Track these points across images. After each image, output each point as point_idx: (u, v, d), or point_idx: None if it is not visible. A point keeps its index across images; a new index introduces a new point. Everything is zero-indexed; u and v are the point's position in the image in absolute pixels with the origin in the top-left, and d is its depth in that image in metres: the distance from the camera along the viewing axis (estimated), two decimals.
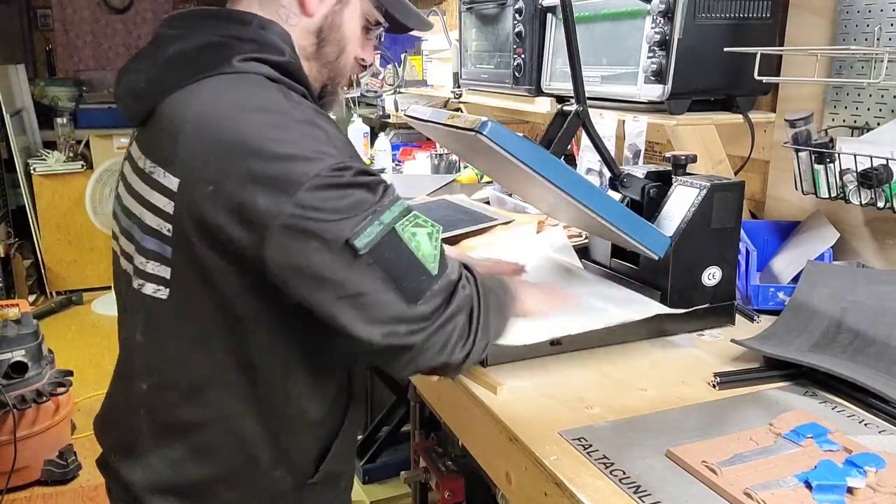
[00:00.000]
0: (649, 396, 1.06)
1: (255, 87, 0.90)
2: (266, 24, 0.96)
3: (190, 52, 0.93)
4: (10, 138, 4.63)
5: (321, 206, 0.81)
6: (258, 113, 0.86)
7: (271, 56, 0.93)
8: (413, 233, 0.86)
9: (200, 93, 0.89)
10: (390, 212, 0.85)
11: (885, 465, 0.83)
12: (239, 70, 0.91)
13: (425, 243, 0.87)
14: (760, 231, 1.49)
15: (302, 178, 0.81)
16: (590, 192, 1.15)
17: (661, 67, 1.40)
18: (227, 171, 0.83)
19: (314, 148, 0.84)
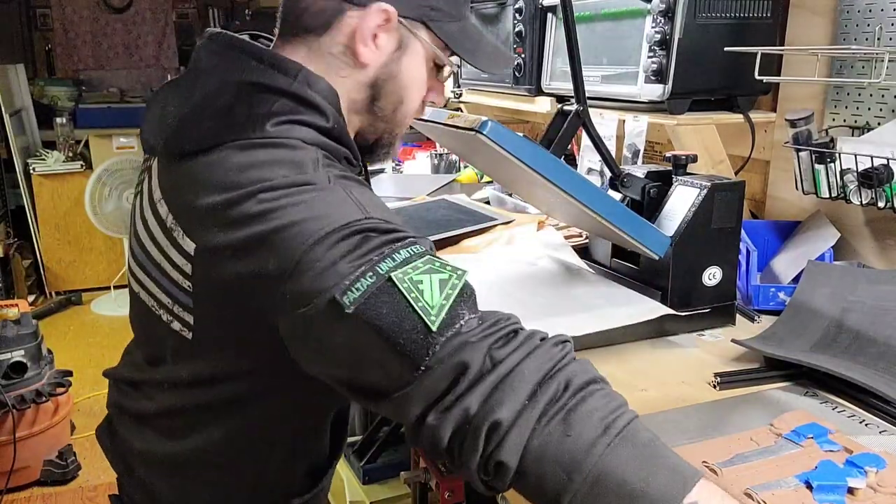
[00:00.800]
0: (649, 396, 1.06)
1: (284, 158, 0.79)
2: (312, 81, 0.85)
3: (221, 101, 0.84)
4: (9, 138, 4.62)
5: (319, 261, 0.71)
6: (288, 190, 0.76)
7: (313, 120, 0.84)
8: (417, 280, 0.70)
9: (232, 160, 0.80)
10: (392, 259, 0.71)
11: (885, 465, 0.83)
12: (271, 136, 0.81)
13: (432, 291, 0.70)
14: (761, 231, 1.49)
15: (307, 238, 0.72)
16: (590, 191, 1.15)
17: (662, 67, 1.40)
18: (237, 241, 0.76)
19: (328, 210, 0.74)
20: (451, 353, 0.68)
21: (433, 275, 0.71)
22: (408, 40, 0.90)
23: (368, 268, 0.70)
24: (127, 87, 5.93)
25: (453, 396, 0.67)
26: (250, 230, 0.74)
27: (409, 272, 0.70)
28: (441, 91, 0.99)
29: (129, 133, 4.79)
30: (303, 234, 0.72)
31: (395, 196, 2.18)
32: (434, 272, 0.71)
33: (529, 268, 1.43)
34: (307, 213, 0.73)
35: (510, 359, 0.68)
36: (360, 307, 0.69)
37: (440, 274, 0.71)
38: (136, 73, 6.06)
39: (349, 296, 0.69)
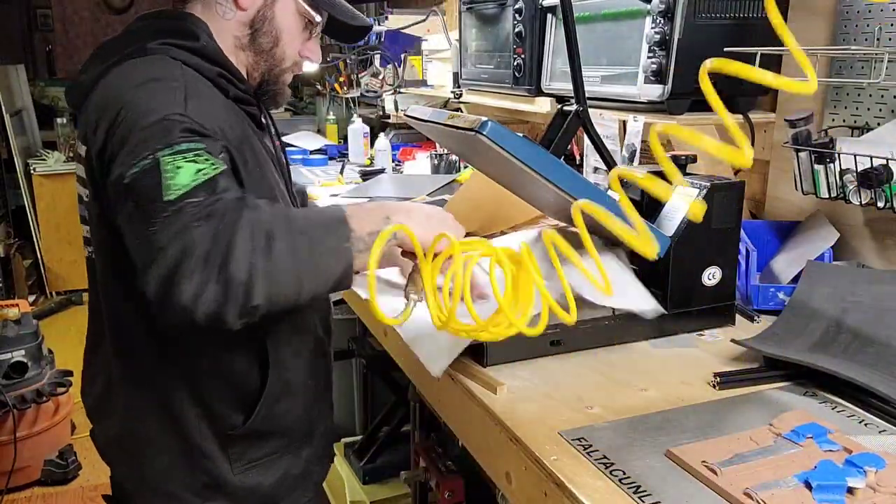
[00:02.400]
0: (649, 396, 1.06)
1: (157, 63, 1.01)
2: (187, 16, 1.10)
3: (116, 42, 1.07)
4: (10, 138, 4.63)
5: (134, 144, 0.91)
6: (145, 83, 0.97)
7: (185, 41, 1.05)
8: (178, 165, 0.87)
9: (113, 72, 1.02)
10: (171, 148, 0.88)
11: (885, 465, 0.83)
12: (152, 51, 1.03)
13: (184, 175, 0.87)
14: (760, 231, 1.49)
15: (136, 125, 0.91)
16: (590, 192, 1.15)
17: (661, 67, 1.40)
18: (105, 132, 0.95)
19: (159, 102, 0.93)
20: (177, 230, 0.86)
21: (196, 163, 0.88)
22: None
23: (151, 152, 0.88)
24: None
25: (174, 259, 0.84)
26: (108, 122, 0.95)
27: (178, 159, 0.88)
28: (315, 50, 1.20)
29: None
30: (129, 122, 0.92)
31: (394, 196, 2.18)
32: (197, 162, 0.89)
33: None
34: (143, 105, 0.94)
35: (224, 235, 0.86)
36: (132, 181, 0.88)
37: (200, 164, 0.89)
38: None
39: (130, 172, 0.88)
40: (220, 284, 0.83)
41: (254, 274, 0.84)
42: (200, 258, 0.83)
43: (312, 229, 0.92)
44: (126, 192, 0.89)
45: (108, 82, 1.02)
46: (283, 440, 1.14)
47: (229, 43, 1.12)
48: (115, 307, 1.08)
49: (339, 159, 3.24)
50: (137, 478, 1.13)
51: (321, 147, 3.53)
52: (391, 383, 2.33)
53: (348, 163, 3.09)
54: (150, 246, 0.86)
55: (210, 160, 0.90)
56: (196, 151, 0.89)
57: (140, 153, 0.88)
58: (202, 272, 0.83)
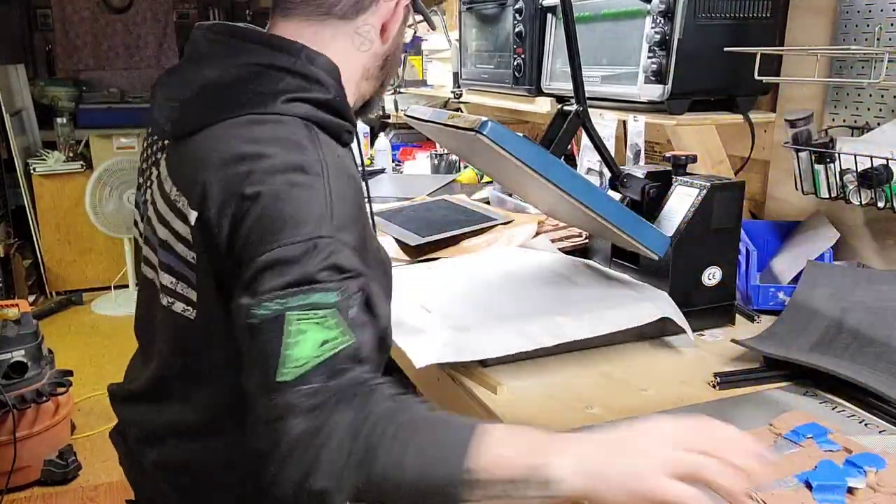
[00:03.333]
0: (649, 396, 1.06)
1: (291, 135, 0.86)
2: (314, 57, 0.92)
3: (229, 83, 0.89)
4: (10, 138, 4.63)
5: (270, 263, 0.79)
6: (286, 171, 0.82)
7: (313, 94, 0.90)
8: (302, 329, 0.76)
9: (235, 132, 0.86)
10: (301, 298, 0.77)
11: (885, 465, 0.83)
12: (281, 112, 0.87)
13: (306, 346, 0.76)
14: (760, 231, 1.49)
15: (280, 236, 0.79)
16: (590, 191, 1.16)
17: (661, 67, 1.40)
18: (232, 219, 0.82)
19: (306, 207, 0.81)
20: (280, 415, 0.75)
21: (322, 330, 0.77)
22: (404, 13, 1.01)
23: (282, 296, 0.77)
24: (127, 88, 5.93)
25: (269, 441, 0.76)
26: (239, 208, 0.82)
27: (304, 319, 0.77)
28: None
29: (130, 133, 4.79)
30: (268, 226, 0.80)
31: (394, 196, 2.18)
32: (325, 328, 0.77)
33: (531, 267, 1.43)
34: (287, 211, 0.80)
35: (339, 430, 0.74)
36: (258, 324, 0.77)
37: (327, 331, 0.77)
38: (136, 73, 6.05)
39: (257, 312, 0.78)
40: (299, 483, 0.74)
41: (339, 483, 0.73)
42: (290, 449, 0.75)
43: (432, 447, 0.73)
44: (249, 331, 0.79)
45: (222, 138, 0.86)
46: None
47: (356, 75, 0.99)
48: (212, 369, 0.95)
49: None
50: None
51: None
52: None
53: None
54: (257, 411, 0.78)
55: (339, 328, 0.78)
56: (327, 310, 0.78)
57: (269, 290, 0.77)
58: (288, 463, 0.75)
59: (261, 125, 0.86)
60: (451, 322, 1.15)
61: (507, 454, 0.70)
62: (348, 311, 0.79)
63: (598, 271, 1.38)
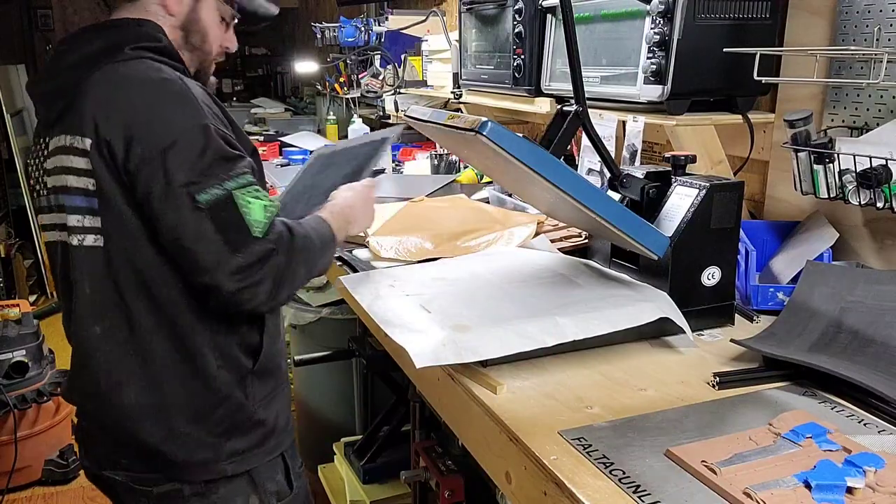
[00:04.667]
0: (649, 396, 1.06)
1: (143, 66, 1.18)
2: (140, 23, 1.24)
3: (90, 55, 1.19)
4: (10, 138, 4.63)
5: (185, 164, 1.11)
6: (144, 85, 1.15)
7: (152, 43, 1.21)
8: (247, 201, 1.14)
9: (103, 74, 1.16)
10: (233, 181, 1.13)
11: (884, 464, 0.83)
12: (131, 56, 1.18)
13: (257, 212, 1.14)
14: (760, 231, 1.49)
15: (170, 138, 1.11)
16: (589, 192, 1.16)
17: (661, 68, 1.41)
18: (121, 129, 1.12)
19: (184, 115, 1.13)
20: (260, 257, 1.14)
21: (260, 200, 1.16)
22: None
23: (218, 181, 1.12)
24: None
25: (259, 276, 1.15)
26: (133, 118, 1.13)
27: (245, 195, 1.15)
28: (232, 39, 1.40)
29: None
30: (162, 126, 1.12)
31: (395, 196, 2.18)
32: (260, 199, 1.16)
33: (530, 267, 1.44)
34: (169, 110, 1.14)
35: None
36: (210, 207, 1.12)
37: (263, 200, 1.16)
38: None
39: (202, 197, 1.11)
40: (274, 297, 1.18)
41: (293, 291, 1.24)
42: (270, 281, 1.16)
43: (321, 250, 1.28)
44: (200, 213, 1.11)
45: (102, 82, 1.16)
46: (277, 378, 1.36)
47: (175, 43, 1.29)
48: (147, 276, 1.20)
49: None
50: (164, 433, 1.23)
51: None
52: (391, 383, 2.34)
53: None
54: (231, 260, 1.12)
55: (264, 194, 1.17)
56: (253, 184, 1.16)
57: (208, 180, 1.12)
58: (270, 287, 1.16)
59: (123, 64, 1.17)
60: (451, 322, 1.15)
61: (339, 230, 1.35)
62: (253, 174, 1.17)
63: (597, 271, 1.38)
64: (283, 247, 1.17)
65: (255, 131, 4.64)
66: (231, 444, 1.27)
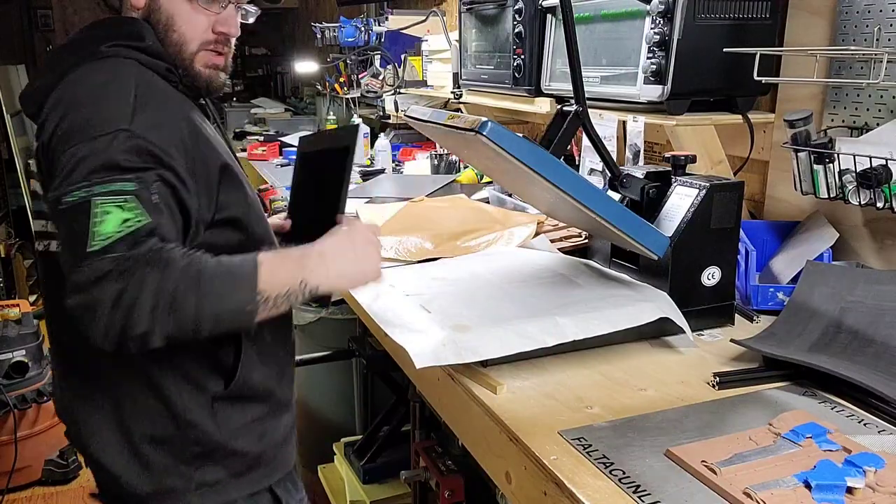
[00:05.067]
0: (649, 396, 1.06)
1: (109, 64, 1.08)
2: (125, 20, 1.14)
3: (66, 50, 1.12)
4: (10, 138, 4.63)
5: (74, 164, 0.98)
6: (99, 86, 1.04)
7: (132, 41, 1.11)
8: (107, 211, 0.95)
9: (69, 78, 1.07)
10: (104, 186, 0.96)
11: (884, 464, 0.83)
12: (105, 55, 1.08)
13: (110, 224, 0.95)
14: (760, 231, 1.49)
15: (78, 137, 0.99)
16: (589, 192, 1.16)
17: (661, 68, 1.41)
18: (53, 126, 1.03)
19: (102, 115, 1.00)
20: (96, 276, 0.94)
21: (123, 212, 0.96)
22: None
23: (87, 183, 0.96)
24: None
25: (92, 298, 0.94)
26: (56, 119, 1.03)
27: (107, 204, 0.96)
28: (231, 23, 1.18)
29: None
30: (75, 124, 1.01)
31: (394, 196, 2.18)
32: (125, 210, 0.96)
33: (530, 267, 1.44)
34: (91, 112, 1.02)
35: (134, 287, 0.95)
36: (67, 209, 0.96)
37: (126, 213, 0.96)
38: None
39: (66, 199, 0.97)
40: (121, 333, 0.94)
41: (153, 328, 0.95)
42: (107, 308, 0.93)
43: (221, 286, 0.98)
44: (60, 216, 0.98)
45: (63, 87, 1.07)
46: (268, 405, 1.20)
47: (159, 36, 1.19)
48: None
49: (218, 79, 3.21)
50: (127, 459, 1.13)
51: None
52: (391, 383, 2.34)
53: None
54: (71, 273, 0.96)
55: (138, 210, 0.97)
56: (126, 196, 0.97)
57: (77, 181, 0.97)
58: (108, 318, 0.93)
59: (89, 63, 1.08)
60: (451, 322, 1.15)
61: (282, 275, 1.02)
62: (149, 197, 0.98)
63: (597, 271, 1.38)
64: (137, 269, 0.94)
65: (255, 131, 4.65)
66: (201, 474, 1.14)
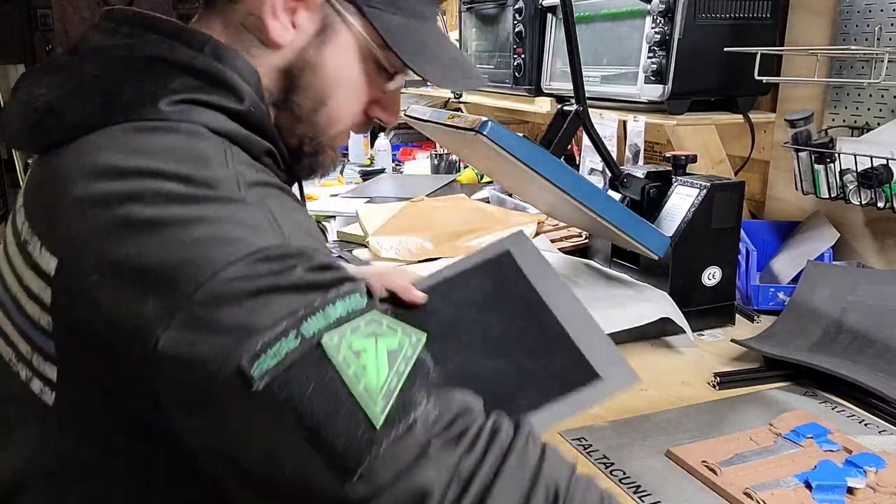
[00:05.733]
0: (649, 396, 1.06)
1: (191, 147, 0.61)
2: (224, 54, 0.67)
3: (108, 77, 0.65)
4: None
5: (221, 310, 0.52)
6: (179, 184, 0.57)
7: (222, 101, 0.65)
8: (355, 349, 0.52)
9: (109, 143, 0.61)
10: (323, 314, 0.52)
11: (885, 465, 0.83)
12: (166, 118, 0.62)
13: (374, 367, 0.52)
14: (760, 231, 1.49)
15: (208, 270, 0.53)
16: (589, 191, 1.16)
17: (661, 67, 1.40)
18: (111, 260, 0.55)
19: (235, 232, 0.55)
20: (403, 467, 0.51)
21: (379, 340, 0.53)
22: (335, 24, 0.71)
23: (291, 324, 0.51)
24: None
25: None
26: (127, 249, 0.55)
27: (348, 336, 0.52)
28: (391, 107, 0.79)
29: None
30: (198, 266, 0.53)
31: (394, 196, 2.18)
32: (380, 336, 0.54)
33: None
34: (206, 234, 0.55)
35: (479, 476, 0.54)
36: (273, 383, 0.50)
37: (388, 339, 0.54)
38: None
39: (260, 365, 0.50)
40: None
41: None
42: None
43: None
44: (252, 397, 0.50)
45: (91, 151, 0.61)
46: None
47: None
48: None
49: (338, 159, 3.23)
50: None
51: None
52: None
53: (348, 163, 3.09)
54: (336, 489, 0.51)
55: (395, 327, 0.56)
56: (366, 312, 0.55)
57: (261, 328, 0.51)
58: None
59: (148, 133, 0.61)
60: None
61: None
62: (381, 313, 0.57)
63: (598, 271, 1.38)
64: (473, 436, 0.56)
65: None
66: None
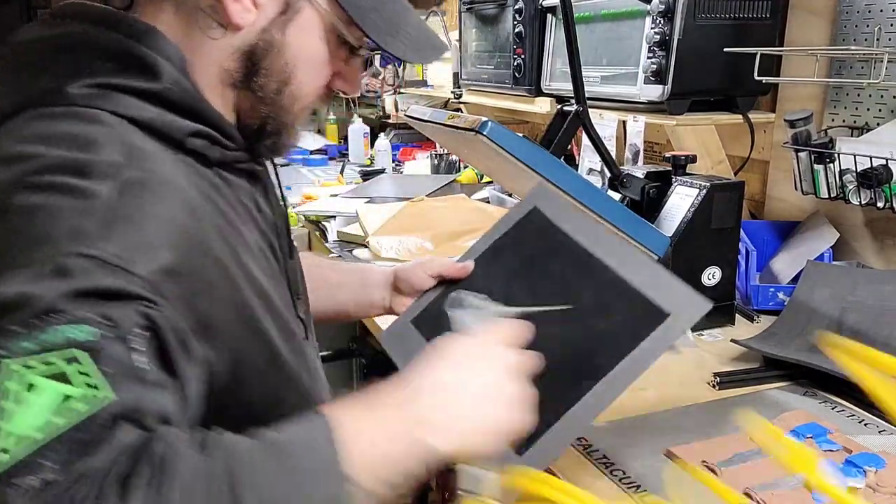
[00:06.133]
0: (649, 396, 1.06)
1: (83, 134, 0.60)
2: (144, 34, 0.65)
3: (32, 67, 0.65)
4: None
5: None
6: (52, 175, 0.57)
7: (136, 82, 0.63)
8: (29, 383, 0.48)
9: (15, 132, 0.61)
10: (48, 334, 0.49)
11: (884, 465, 0.83)
12: (73, 103, 0.61)
13: (32, 409, 0.48)
14: (760, 231, 1.49)
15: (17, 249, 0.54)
16: (589, 192, 1.16)
17: (661, 68, 1.40)
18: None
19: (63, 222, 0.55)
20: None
21: (57, 383, 0.49)
22: (298, 2, 0.71)
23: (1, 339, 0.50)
24: None
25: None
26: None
27: (36, 363, 0.49)
28: (352, 79, 0.78)
29: None
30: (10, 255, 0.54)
31: (394, 196, 2.18)
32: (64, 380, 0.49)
33: None
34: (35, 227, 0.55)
35: None
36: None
37: (73, 388, 0.49)
38: None
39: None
40: None
41: None
42: None
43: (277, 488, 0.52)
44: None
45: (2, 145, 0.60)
46: None
47: (212, 75, 0.70)
48: None
49: (339, 159, 3.24)
50: None
51: (321, 147, 3.53)
52: None
53: (348, 163, 3.09)
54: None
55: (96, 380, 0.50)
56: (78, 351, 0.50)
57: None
58: None
59: (47, 120, 0.61)
60: None
61: (376, 452, 0.58)
62: (121, 353, 0.52)
63: None
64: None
65: None
66: None
